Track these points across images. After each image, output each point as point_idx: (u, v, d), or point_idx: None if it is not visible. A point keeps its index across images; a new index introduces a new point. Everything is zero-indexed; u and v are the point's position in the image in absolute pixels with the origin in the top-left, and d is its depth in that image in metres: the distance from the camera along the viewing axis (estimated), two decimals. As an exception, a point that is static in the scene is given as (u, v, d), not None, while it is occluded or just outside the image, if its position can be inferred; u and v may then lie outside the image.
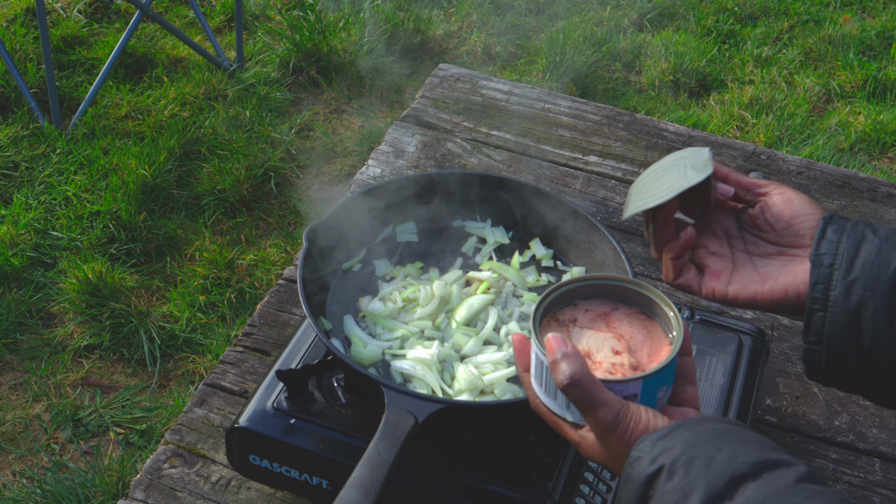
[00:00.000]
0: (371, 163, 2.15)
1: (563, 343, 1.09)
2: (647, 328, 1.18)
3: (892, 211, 2.10)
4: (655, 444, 1.01)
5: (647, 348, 1.16)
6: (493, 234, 1.68)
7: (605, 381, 1.08)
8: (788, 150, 4.04)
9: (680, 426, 1.03)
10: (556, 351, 1.09)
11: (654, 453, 1.00)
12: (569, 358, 1.08)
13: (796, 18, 4.95)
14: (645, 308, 1.20)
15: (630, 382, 1.08)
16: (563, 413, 1.13)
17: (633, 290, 1.20)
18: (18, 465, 2.82)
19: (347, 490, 1.15)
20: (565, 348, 1.08)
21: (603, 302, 1.22)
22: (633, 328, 1.18)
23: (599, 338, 1.17)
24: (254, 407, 1.41)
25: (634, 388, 1.09)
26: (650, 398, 1.10)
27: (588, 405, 1.07)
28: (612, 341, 1.16)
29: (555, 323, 1.19)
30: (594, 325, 1.19)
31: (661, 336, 1.17)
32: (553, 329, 1.18)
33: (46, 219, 3.52)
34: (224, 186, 3.66)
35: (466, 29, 4.71)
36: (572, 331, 1.18)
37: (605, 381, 1.08)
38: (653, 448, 1.01)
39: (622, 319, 1.19)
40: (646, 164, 2.18)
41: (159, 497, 1.49)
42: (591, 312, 1.20)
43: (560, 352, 1.08)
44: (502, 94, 2.37)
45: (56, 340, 3.15)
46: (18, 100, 4.01)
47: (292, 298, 1.82)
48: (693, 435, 1.01)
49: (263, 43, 4.49)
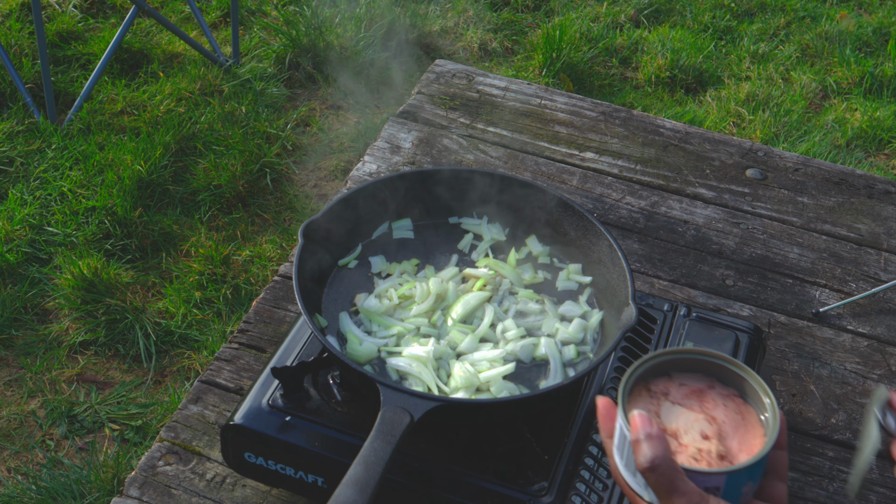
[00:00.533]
0: (367, 159, 2.14)
1: (649, 423, 1.05)
2: (741, 413, 1.12)
3: (889, 208, 2.10)
4: None
5: (738, 436, 1.10)
6: (490, 230, 1.67)
7: (688, 469, 1.03)
8: (785, 147, 4.04)
9: None
10: (641, 430, 1.04)
11: None
12: (652, 440, 1.03)
13: (793, 15, 4.95)
14: (742, 391, 1.15)
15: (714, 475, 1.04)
16: (641, 491, 1.08)
17: (732, 371, 1.15)
18: (13, 462, 2.81)
19: (343, 488, 1.15)
20: (650, 429, 1.04)
21: (699, 378, 1.16)
22: (727, 412, 1.12)
23: (690, 418, 1.12)
24: (249, 404, 1.41)
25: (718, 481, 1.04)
26: (734, 493, 1.05)
27: (666, 493, 1.02)
28: (702, 423, 1.11)
29: (646, 392, 1.14)
30: (687, 401, 1.13)
31: (756, 425, 1.11)
32: (643, 398, 1.13)
33: (41, 214, 3.51)
34: (220, 182, 3.65)
35: (463, 25, 4.70)
36: (663, 404, 1.13)
37: (688, 469, 1.03)
38: None
39: (717, 400, 1.14)
40: (642, 160, 2.18)
41: (154, 494, 1.49)
42: (686, 387, 1.15)
43: (644, 432, 1.04)
44: (499, 90, 2.37)
45: (51, 336, 3.14)
46: (13, 95, 4.00)
47: (288, 295, 1.81)
48: None
49: (259, 38, 4.48)
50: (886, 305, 1.89)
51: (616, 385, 1.48)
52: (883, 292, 1.90)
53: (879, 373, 1.76)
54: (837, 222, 2.06)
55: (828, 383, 1.73)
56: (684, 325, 1.59)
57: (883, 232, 2.05)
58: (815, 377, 1.74)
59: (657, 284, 1.89)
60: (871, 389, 1.73)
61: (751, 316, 1.84)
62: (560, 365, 1.47)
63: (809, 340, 1.81)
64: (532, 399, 1.36)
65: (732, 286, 1.90)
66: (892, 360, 1.78)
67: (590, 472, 1.36)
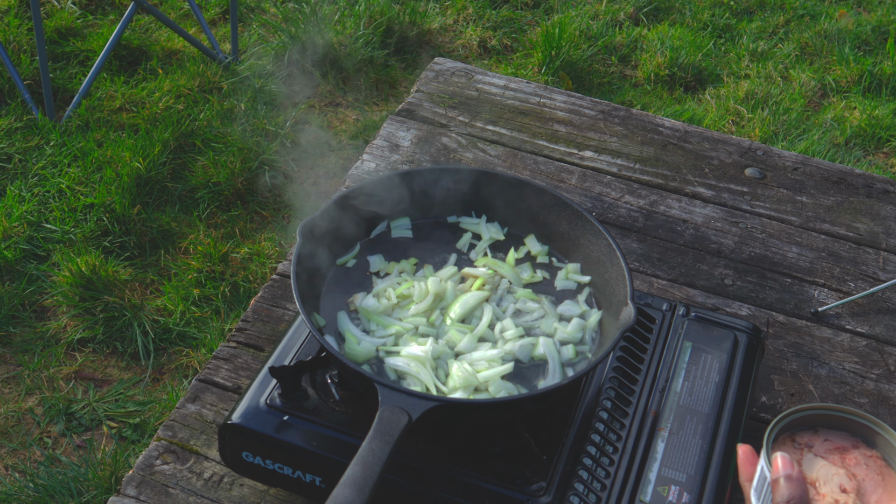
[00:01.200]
0: (366, 157, 2.14)
1: (791, 465, 1.07)
2: (883, 475, 1.14)
3: (888, 207, 2.10)
4: None
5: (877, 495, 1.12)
6: (489, 230, 1.67)
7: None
8: (784, 145, 4.04)
9: None
10: (782, 471, 1.07)
11: None
12: (792, 481, 1.06)
13: (792, 13, 4.94)
14: (887, 455, 1.17)
15: None
16: None
17: (879, 434, 1.17)
18: (11, 459, 2.81)
19: (341, 488, 1.15)
20: (790, 470, 1.07)
21: (845, 436, 1.18)
22: (869, 471, 1.14)
23: (831, 470, 1.14)
24: (247, 403, 1.40)
25: None
26: None
27: None
28: (843, 478, 1.13)
29: (790, 442, 1.17)
30: (829, 455, 1.16)
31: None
32: (787, 448, 1.16)
33: (40, 211, 3.51)
34: (218, 179, 3.64)
35: (462, 22, 4.69)
36: (805, 455, 1.16)
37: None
38: None
39: (860, 460, 1.16)
40: (641, 159, 2.17)
41: (151, 493, 1.49)
42: (830, 443, 1.17)
43: (784, 472, 1.07)
44: (498, 88, 2.36)
45: (49, 334, 3.14)
46: (12, 91, 4.00)
47: (286, 294, 1.81)
48: None
49: (258, 35, 4.47)
50: (885, 305, 1.89)
51: (614, 385, 1.48)
52: (881, 292, 1.90)
53: (878, 372, 1.76)
54: (836, 221, 2.06)
55: (826, 383, 1.73)
56: (683, 325, 1.59)
57: (881, 231, 2.04)
58: (814, 377, 1.74)
59: (656, 283, 1.88)
60: (869, 389, 1.73)
61: (749, 315, 1.84)
62: (559, 365, 1.47)
63: (808, 340, 1.81)
64: (530, 399, 1.36)
65: (731, 285, 1.90)
66: (891, 359, 1.78)
67: (588, 472, 1.36)
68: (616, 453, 1.39)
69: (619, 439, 1.41)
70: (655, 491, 1.35)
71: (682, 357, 1.54)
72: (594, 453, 1.38)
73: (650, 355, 1.54)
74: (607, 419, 1.43)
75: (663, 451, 1.40)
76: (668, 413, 1.45)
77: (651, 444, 1.41)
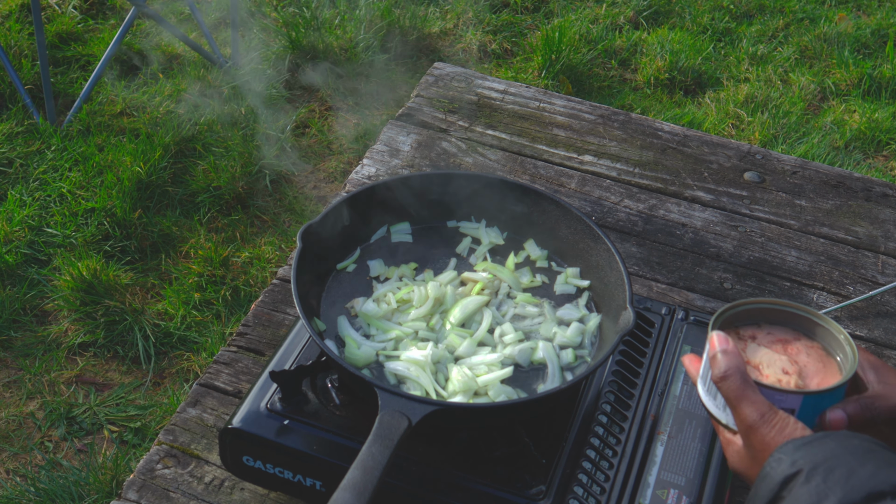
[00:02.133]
0: (366, 162, 2.14)
1: (726, 341, 1.13)
2: (823, 363, 1.18)
3: (887, 211, 2.11)
4: (799, 449, 1.02)
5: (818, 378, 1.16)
6: (488, 234, 1.68)
7: (763, 384, 1.10)
8: (783, 149, 4.05)
9: (827, 436, 1.03)
10: (718, 346, 1.13)
11: (796, 457, 1.01)
12: (727, 354, 1.12)
13: (792, 16, 4.95)
14: (827, 345, 1.21)
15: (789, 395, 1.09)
16: (719, 415, 1.15)
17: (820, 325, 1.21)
18: (12, 463, 2.81)
19: (341, 492, 1.15)
20: (726, 345, 1.13)
21: (787, 330, 1.23)
22: (810, 359, 1.18)
23: (774, 357, 1.18)
24: (247, 408, 1.41)
25: (793, 403, 1.09)
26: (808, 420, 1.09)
27: (735, 400, 1.09)
28: (785, 363, 1.17)
29: (734, 335, 1.22)
30: (772, 346, 1.20)
31: (836, 373, 1.17)
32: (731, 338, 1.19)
33: (41, 215, 3.51)
34: (219, 184, 3.65)
35: (462, 26, 4.70)
36: (749, 345, 1.20)
37: (763, 384, 1.10)
38: (795, 452, 1.01)
39: (801, 349, 1.20)
40: (640, 163, 2.18)
41: (152, 498, 1.49)
42: (773, 336, 1.22)
43: (721, 348, 1.13)
44: (497, 93, 2.37)
45: (50, 338, 3.14)
46: (13, 96, 4.00)
47: (286, 298, 1.81)
48: (839, 446, 1.01)
49: (259, 40, 4.48)
50: (884, 308, 1.89)
51: (613, 389, 1.48)
52: (880, 295, 1.90)
53: (877, 376, 1.76)
54: (835, 225, 2.07)
55: (825, 386, 1.74)
56: (682, 329, 1.59)
57: (880, 235, 2.05)
58: (813, 380, 1.74)
59: (655, 287, 1.89)
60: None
61: (748, 319, 1.84)
62: (558, 369, 1.47)
63: (807, 344, 1.81)
64: (530, 403, 1.36)
65: (730, 289, 1.90)
66: (890, 362, 1.78)
67: (587, 475, 1.36)
68: (615, 457, 1.40)
69: (618, 443, 1.42)
70: (654, 494, 1.35)
71: (681, 361, 1.54)
72: (593, 457, 1.39)
73: (649, 359, 1.54)
74: (606, 423, 1.44)
75: (662, 455, 1.40)
76: (667, 417, 1.45)
77: (650, 448, 1.41)
